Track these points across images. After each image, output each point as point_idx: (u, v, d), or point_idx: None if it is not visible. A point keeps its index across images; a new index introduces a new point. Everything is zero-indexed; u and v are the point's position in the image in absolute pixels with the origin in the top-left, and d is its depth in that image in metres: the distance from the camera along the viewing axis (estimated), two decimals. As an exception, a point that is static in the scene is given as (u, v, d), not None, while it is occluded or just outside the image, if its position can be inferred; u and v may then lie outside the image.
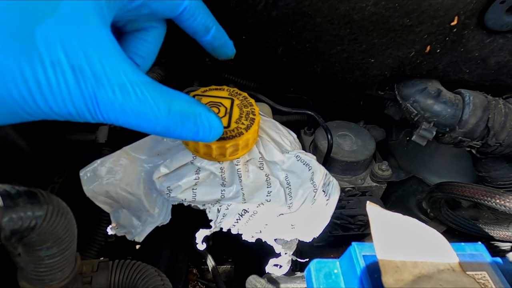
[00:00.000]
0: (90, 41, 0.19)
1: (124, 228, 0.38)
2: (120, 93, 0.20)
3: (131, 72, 0.21)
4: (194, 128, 0.24)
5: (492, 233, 0.46)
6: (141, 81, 0.21)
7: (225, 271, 0.79)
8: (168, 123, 0.22)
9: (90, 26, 0.19)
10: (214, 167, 0.34)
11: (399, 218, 0.30)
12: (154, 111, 0.21)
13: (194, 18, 0.27)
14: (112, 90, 0.19)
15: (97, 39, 0.19)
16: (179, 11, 0.26)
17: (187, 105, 0.24)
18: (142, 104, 0.21)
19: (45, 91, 0.18)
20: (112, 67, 0.20)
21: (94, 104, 0.19)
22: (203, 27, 0.28)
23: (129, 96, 0.20)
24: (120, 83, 0.20)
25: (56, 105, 0.19)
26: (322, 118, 0.50)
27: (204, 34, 0.29)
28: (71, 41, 0.18)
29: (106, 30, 0.20)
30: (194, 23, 0.28)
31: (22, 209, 0.19)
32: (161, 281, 0.32)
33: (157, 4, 0.25)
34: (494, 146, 0.43)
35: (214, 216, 0.35)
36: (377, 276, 0.26)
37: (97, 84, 0.19)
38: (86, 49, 0.19)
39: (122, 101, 0.20)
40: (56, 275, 0.24)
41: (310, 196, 0.35)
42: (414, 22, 0.36)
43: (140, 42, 0.28)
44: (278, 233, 0.34)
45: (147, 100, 0.21)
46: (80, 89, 0.19)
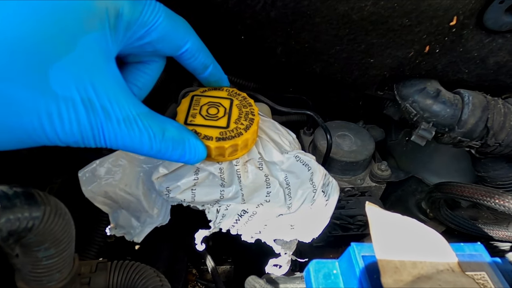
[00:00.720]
0: (99, 78, 0.21)
1: (123, 228, 0.37)
2: (124, 125, 0.22)
3: (133, 105, 0.23)
4: (182, 152, 0.27)
5: (491, 233, 0.46)
6: (141, 112, 0.24)
7: (224, 272, 0.79)
8: (160, 148, 0.25)
9: (98, 64, 0.21)
10: (213, 167, 0.34)
11: (398, 219, 0.30)
12: (151, 139, 0.24)
13: (194, 59, 0.29)
14: (118, 122, 0.22)
15: (105, 76, 0.22)
16: (180, 52, 0.28)
17: (178, 132, 0.27)
18: (141, 133, 0.23)
19: (56, 122, 0.20)
20: (118, 101, 0.22)
21: (100, 134, 0.22)
22: (201, 66, 0.31)
23: (131, 127, 0.23)
24: (124, 116, 0.22)
25: (64, 135, 0.21)
26: (321, 118, 0.49)
27: (201, 72, 0.32)
28: (82, 79, 0.20)
29: (112, 66, 0.23)
30: (194, 63, 0.30)
31: (19, 210, 0.19)
32: (160, 282, 0.31)
33: (161, 45, 0.27)
34: (493, 146, 0.43)
35: (213, 217, 0.35)
36: (376, 276, 0.26)
37: (105, 117, 0.21)
38: (95, 85, 0.21)
39: (125, 132, 0.22)
40: (54, 276, 0.24)
41: (310, 197, 0.35)
42: (413, 22, 0.36)
43: (140, 73, 0.30)
44: (278, 233, 0.34)
45: (146, 130, 0.24)
46: (89, 121, 0.21)
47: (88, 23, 0.20)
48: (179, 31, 0.27)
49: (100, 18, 0.21)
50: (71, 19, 0.20)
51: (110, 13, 0.21)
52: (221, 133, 0.32)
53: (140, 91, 0.30)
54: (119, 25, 0.22)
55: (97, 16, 0.21)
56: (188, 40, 0.28)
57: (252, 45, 0.42)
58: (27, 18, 0.18)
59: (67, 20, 0.19)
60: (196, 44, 0.29)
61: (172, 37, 0.27)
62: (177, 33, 0.27)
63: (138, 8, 0.23)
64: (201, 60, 0.30)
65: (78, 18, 0.20)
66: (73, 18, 0.20)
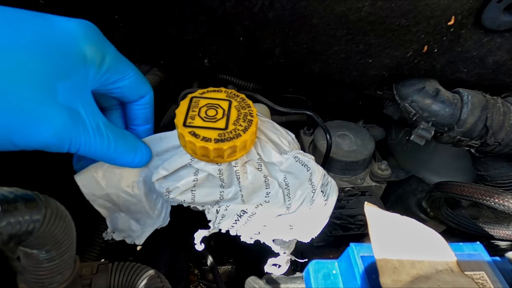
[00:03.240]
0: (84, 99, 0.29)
1: (123, 232, 0.38)
2: (97, 131, 0.29)
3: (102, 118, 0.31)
4: (135, 158, 0.33)
5: (492, 232, 0.46)
6: (108, 123, 0.31)
7: (226, 272, 0.79)
8: (122, 150, 0.32)
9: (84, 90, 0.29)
10: (212, 168, 0.34)
11: (397, 219, 0.30)
12: (116, 142, 0.31)
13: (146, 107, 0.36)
14: (92, 129, 0.29)
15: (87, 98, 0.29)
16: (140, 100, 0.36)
17: (134, 138, 0.34)
18: (108, 138, 0.30)
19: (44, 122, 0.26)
20: (94, 115, 0.29)
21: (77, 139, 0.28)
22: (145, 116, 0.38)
23: (101, 133, 0.30)
24: (96, 125, 0.29)
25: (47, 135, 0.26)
26: (321, 118, 0.50)
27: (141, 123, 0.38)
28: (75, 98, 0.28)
29: (89, 93, 0.30)
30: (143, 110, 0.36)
31: (20, 213, 0.19)
32: (161, 283, 0.32)
33: (127, 91, 0.34)
34: (493, 145, 0.43)
35: (213, 217, 0.35)
36: (375, 277, 0.26)
37: (82, 125, 0.28)
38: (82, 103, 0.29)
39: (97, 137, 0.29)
40: (55, 278, 0.25)
41: (309, 197, 0.35)
42: (411, 22, 0.36)
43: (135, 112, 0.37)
44: (277, 234, 0.34)
45: (113, 135, 0.31)
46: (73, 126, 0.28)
47: (82, 61, 0.28)
48: (144, 82, 0.35)
49: (91, 60, 0.29)
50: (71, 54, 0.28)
51: (98, 57, 0.29)
52: (220, 135, 0.32)
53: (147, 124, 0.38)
54: (102, 67, 0.30)
55: (89, 58, 0.29)
56: (148, 91, 0.36)
57: (251, 46, 0.43)
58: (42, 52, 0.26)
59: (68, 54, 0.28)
60: (152, 96, 0.36)
61: (138, 86, 0.34)
62: (142, 84, 0.35)
63: (118, 60, 0.32)
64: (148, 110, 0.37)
65: (77, 54, 0.28)
66: (72, 53, 0.28)
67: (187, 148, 0.33)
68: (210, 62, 0.48)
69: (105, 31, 0.40)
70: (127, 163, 0.33)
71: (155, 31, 0.44)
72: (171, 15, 0.40)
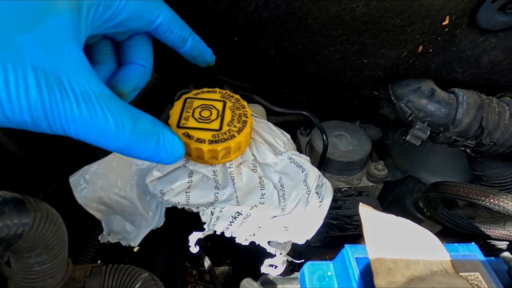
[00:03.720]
0: (58, 56, 0.20)
1: (118, 234, 0.37)
2: (84, 103, 0.20)
3: (96, 84, 0.21)
4: (157, 147, 0.24)
5: (488, 232, 0.46)
6: (105, 94, 0.21)
7: (223, 272, 0.79)
8: (130, 140, 0.22)
9: (60, 44, 0.20)
10: (206, 170, 0.34)
11: (391, 220, 0.30)
12: (118, 127, 0.21)
13: (170, 31, 0.29)
14: (76, 100, 0.20)
15: (65, 55, 0.20)
16: (153, 26, 0.28)
17: (151, 124, 0.24)
18: (106, 119, 0.21)
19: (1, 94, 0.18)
20: (77, 78, 0.20)
21: (54, 113, 0.19)
22: (179, 39, 0.30)
23: (93, 107, 0.20)
24: (83, 92, 0.20)
25: (11, 111, 0.19)
26: (317, 119, 0.49)
27: (181, 46, 0.30)
28: (40, 54, 0.19)
29: (74, 48, 0.21)
30: (170, 36, 0.29)
31: (8, 217, 0.19)
32: (155, 286, 0.31)
33: (132, 23, 0.26)
34: (488, 145, 0.43)
35: (207, 219, 0.35)
36: (370, 278, 0.26)
37: (60, 92, 0.19)
38: (54, 62, 0.20)
39: (85, 112, 0.20)
40: (47, 281, 0.24)
41: (304, 198, 0.35)
42: (405, 22, 0.36)
43: (137, 47, 0.30)
44: (272, 235, 0.34)
45: (112, 115, 0.21)
46: (40, 95, 0.19)
47: (51, 6, 0.20)
48: (148, 5, 0.26)
49: (63, 1, 0.20)
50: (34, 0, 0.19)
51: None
52: (214, 136, 0.32)
53: (147, 62, 0.30)
54: (83, 8, 0.22)
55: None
56: (160, 13, 0.27)
57: (246, 46, 0.42)
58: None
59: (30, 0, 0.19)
60: (169, 17, 0.28)
61: (142, 13, 0.26)
62: (146, 8, 0.26)
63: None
64: (178, 33, 0.29)
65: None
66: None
67: (181, 149, 0.33)
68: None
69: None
70: (147, 157, 0.24)
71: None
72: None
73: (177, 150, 0.26)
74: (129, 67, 0.29)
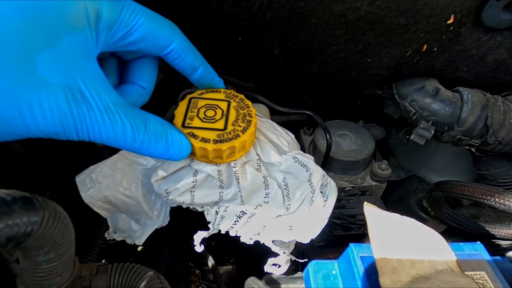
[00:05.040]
0: (79, 71, 0.22)
1: (123, 232, 0.38)
2: (106, 114, 0.23)
3: (113, 95, 0.24)
4: (166, 146, 0.27)
5: (493, 231, 0.46)
6: (121, 103, 0.24)
7: (227, 272, 0.79)
8: (143, 140, 0.25)
9: (79, 60, 0.23)
10: (211, 169, 0.34)
11: (396, 219, 0.30)
12: (134, 130, 0.24)
13: (181, 59, 0.30)
14: (100, 111, 0.23)
15: (85, 70, 0.23)
16: (166, 52, 0.29)
17: (160, 125, 0.27)
18: (123, 124, 0.24)
19: (36, 111, 0.20)
20: (98, 92, 0.23)
21: (82, 124, 0.22)
22: (190, 67, 0.31)
23: (113, 117, 0.23)
24: (104, 104, 0.23)
25: (45, 124, 0.21)
26: (320, 118, 0.49)
27: (191, 73, 0.32)
28: (63, 70, 0.22)
29: (92, 62, 0.24)
30: (181, 64, 0.30)
31: (17, 215, 0.19)
32: (160, 284, 0.32)
33: (144, 45, 0.27)
34: (493, 144, 0.42)
35: (212, 218, 0.35)
36: (375, 277, 0.26)
37: (86, 106, 0.22)
38: (76, 77, 0.22)
39: (107, 122, 0.23)
40: (54, 279, 0.25)
41: (308, 198, 0.35)
42: (410, 21, 0.36)
43: (142, 69, 0.31)
44: (276, 234, 0.34)
45: (129, 120, 0.24)
46: (70, 110, 0.21)
47: (70, 23, 0.22)
48: (163, 31, 0.27)
49: (81, 19, 0.22)
50: (53, 19, 0.21)
51: (90, 14, 0.23)
52: (219, 136, 0.32)
53: (147, 84, 0.31)
54: (100, 26, 0.23)
55: (78, 17, 0.22)
56: (173, 41, 0.28)
57: (250, 46, 0.42)
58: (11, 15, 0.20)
59: (49, 19, 0.21)
60: (182, 45, 0.29)
61: (155, 37, 0.27)
62: (161, 33, 0.27)
63: (117, 9, 0.24)
64: (189, 61, 0.30)
65: (59, 17, 0.21)
66: (54, 17, 0.21)
67: (186, 149, 0.33)
68: (209, 62, 0.48)
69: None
70: (158, 155, 0.27)
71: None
72: (169, 15, 0.40)
73: (184, 148, 0.29)
74: (129, 87, 0.31)
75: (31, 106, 0.20)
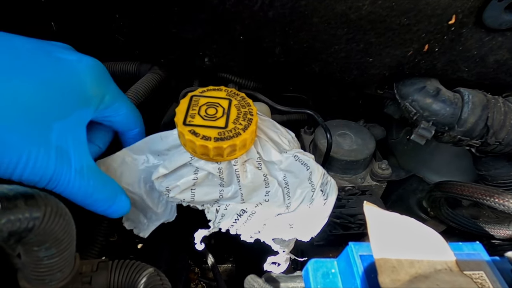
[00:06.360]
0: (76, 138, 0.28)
1: (133, 222, 0.38)
2: (79, 173, 0.28)
3: (89, 159, 0.29)
4: (110, 207, 0.32)
5: (492, 232, 0.46)
6: (92, 165, 0.30)
7: (226, 270, 0.79)
8: (98, 198, 0.30)
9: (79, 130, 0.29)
10: (212, 167, 0.34)
11: (396, 218, 0.30)
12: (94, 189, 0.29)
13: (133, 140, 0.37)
14: (75, 171, 0.28)
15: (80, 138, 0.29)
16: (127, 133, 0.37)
17: (115, 187, 0.33)
18: (87, 183, 0.29)
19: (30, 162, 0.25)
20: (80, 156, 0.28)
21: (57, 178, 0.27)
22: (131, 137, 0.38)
23: (82, 176, 0.28)
24: (80, 166, 0.28)
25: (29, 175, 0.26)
26: (321, 117, 0.50)
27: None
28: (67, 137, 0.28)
29: (84, 131, 0.29)
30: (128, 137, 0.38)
31: (19, 210, 0.19)
32: (160, 281, 0.32)
33: (118, 125, 0.36)
34: (493, 144, 0.42)
35: (212, 216, 0.36)
36: (374, 276, 0.26)
37: (67, 165, 0.27)
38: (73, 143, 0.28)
39: (78, 179, 0.28)
40: (55, 275, 0.25)
41: (308, 196, 0.36)
42: (411, 21, 0.36)
43: (102, 133, 0.37)
44: (276, 232, 0.34)
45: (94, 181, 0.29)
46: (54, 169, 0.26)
47: (82, 101, 0.29)
48: (134, 118, 0.36)
49: (91, 100, 0.29)
50: (70, 95, 0.28)
51: (98, 99, 0.30)
52: (220, 133, 0.32)
53: (104, 145, 0.37)
54: (100, 107, 0.31)
55: (89, 98, 0.29)
56: (137, 126, 0.37)
57: (251, 44, 0.43)
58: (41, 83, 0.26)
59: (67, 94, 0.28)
60: (141, 131, 0.38)
61: (128, 122, 0.36)
62: (132, 120, 0.36)
63: (115, 97, 0.33)
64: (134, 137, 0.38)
65: (76, 95, 0.28)
66: (72, 94, 0.28)
67: (187, 146, 0.34)
68: (211, 60, 0.49)
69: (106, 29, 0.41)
70: (101, 211, 0.32)
71: (155, 30, 0.44)
72: (171, 13, 0.40)
73: (124, 208, 0.34)
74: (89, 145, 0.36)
75: (28, 157, 0.25)
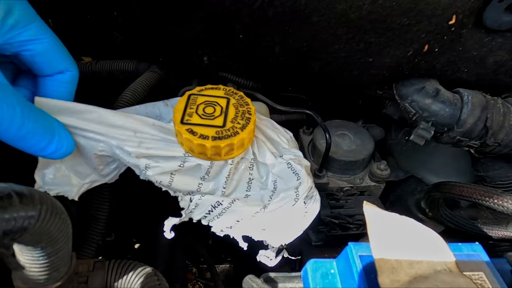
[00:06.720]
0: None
1: (58, 186, 0.33)
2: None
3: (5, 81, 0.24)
4: (51, 144, 0.26)
5: (490, 232, 0.46)
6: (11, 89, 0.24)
7: (224, 270, 0.79)
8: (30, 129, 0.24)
9: None
10: (204, 161, 0.33)
11: (396, 218, 0.30)
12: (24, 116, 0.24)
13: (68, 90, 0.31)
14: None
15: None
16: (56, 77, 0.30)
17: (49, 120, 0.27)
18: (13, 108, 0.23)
19: None
20: None
21: None
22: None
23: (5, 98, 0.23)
24: None
25: None
26: (320, 118, 0.49)
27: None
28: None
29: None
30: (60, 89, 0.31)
31: (14, 209, 0.19)
32: (157, 281, 0.32)
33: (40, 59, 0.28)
34: (492, 145, 0.42)
35: (186, 205, 0.34)
36: (373, 276, 0.26)
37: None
38: None
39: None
40: (51, 275, 0.24)
41: (290, 204, 0.34)
42: (411, 21, 0.36)
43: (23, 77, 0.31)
44: (248, 231, 0.33)
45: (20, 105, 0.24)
46: None
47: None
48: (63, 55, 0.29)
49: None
50: None
51: (1, 8, 0.24)
52: (218, 132, 0.32)
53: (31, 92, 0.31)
54: (7, 20, 0.25)
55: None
56: (69, 68, 0.29)
57: (251, 44, 0.42)
58: None
59: None
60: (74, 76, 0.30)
61: (54, 57, 0.28)
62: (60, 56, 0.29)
63: (30, 17, 0.26)
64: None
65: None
66: None
67: (184, 145, 0.33)
68: (210, 59, 0.48)
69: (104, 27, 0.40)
70: (38, 150, 0.26)
71: (154, 29, 0.44)
72: (170, 12, 0.40)
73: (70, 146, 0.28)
74: None
75: None
